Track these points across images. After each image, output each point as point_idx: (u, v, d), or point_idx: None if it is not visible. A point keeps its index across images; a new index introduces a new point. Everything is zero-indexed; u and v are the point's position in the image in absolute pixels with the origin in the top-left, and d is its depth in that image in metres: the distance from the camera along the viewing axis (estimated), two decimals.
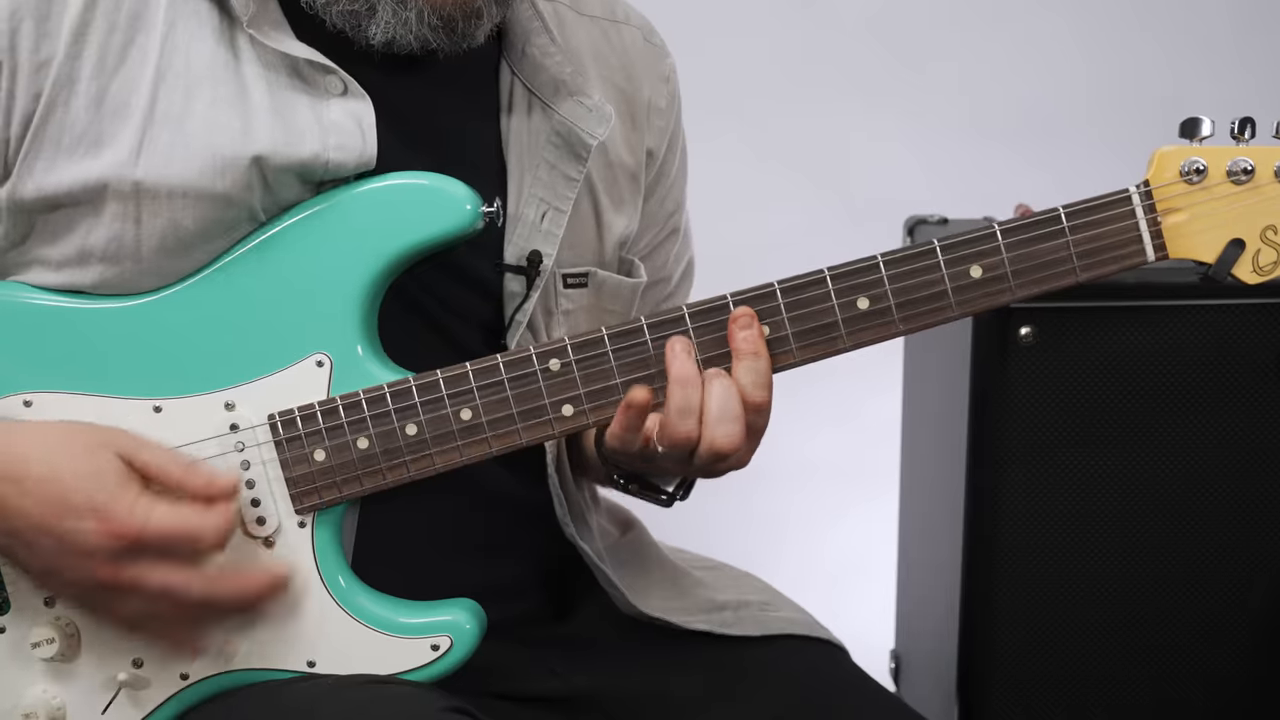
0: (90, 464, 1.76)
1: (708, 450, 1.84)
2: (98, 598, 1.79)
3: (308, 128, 1.85)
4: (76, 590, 1.80)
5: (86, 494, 1.74)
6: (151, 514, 1.74)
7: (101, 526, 1.73)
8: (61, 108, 1.83)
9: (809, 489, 4.02)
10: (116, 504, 1.73)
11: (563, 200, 2.01)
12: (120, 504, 1.74)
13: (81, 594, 1.80)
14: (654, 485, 2.05)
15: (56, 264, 1.87)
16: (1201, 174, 1.82)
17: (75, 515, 1.73)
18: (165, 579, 1.75)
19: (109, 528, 1.73)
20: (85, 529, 1.73)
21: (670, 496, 2.05)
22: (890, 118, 4.08)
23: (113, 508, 1.73)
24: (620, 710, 2.03)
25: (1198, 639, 2.60)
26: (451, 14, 1.88)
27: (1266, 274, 1.84)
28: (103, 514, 1.73)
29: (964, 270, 1.84)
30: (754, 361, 1.83)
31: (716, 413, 1.82)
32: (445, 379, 1.84)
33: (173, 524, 1.74)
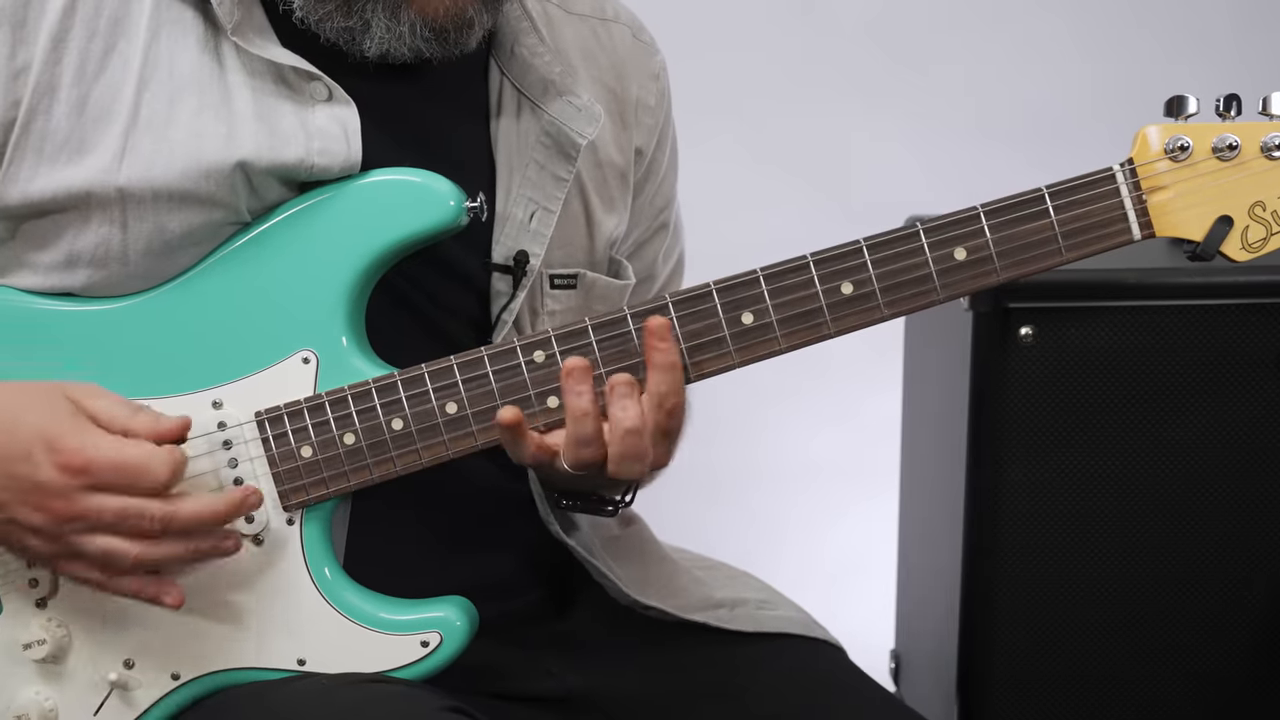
0: (42, 404, 1.78)
1: (615, 475, 1.83)
2: (62, 540, 1.78)
3: (292, 133, 1.86)
4: (38, 537, 1.79)
5: (36, 429, 1.76)
6: (101, 445, 1.75)
7: (53, 458, 1.74)
8: (43, 115, 1.84)
9: (809, 488, 4.01)
10: (64, 437, 1.75)
11: (552, 200, 2.01)
12: (68, 437, 1.75)
13: (45, 542, 1.79)
14: (596, 499, 2.04)
15: (44, 268, 1.87)
16: (1186, 151, 1.81)
17: (25, 451, 1.75)
18: (123, 504, 1.75)
19: (60, 459, 1.74)
20: (36, 462, 1.75)
21: (616, 505, 2.05)
22: (890, 119, 4.08)
23: (61, 440, 1.75)
24: (616, 709, 2.03)
25: (1198, 639, 2.59)
26: (444, 25, 1.89)
27: (1255, 250, 1.83)
28: (52, 446, 1.75)
29: (948, 253, 1.83)
30: (669, 374, 1.81)
31: (617, 456, 1.81)
32: (430, 373, 1.84)
33: (120, 454, 1.75)
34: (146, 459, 1.76)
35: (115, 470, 1.75)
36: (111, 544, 1.77)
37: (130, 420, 1.79)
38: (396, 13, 1.87)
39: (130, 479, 1.75)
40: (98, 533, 1.77)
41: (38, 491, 1.75)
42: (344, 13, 1.88)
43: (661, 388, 1.81)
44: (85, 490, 1.75)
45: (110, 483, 1.75)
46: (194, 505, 1.79)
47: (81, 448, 1.75)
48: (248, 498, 1.82)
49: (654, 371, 1.81)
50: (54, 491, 1.75)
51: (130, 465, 1.75)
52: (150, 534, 1.77)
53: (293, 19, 1.89)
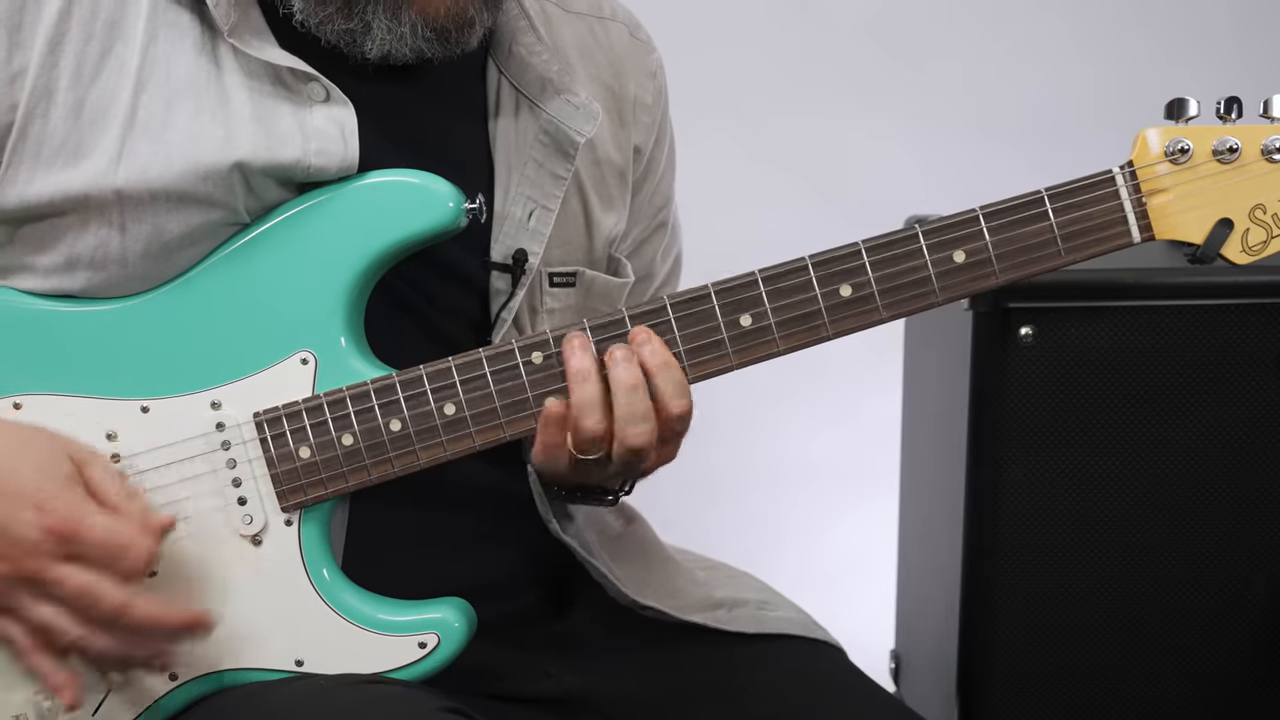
0: (45, 461, 1.77)
1: (621, 447, 1.84)
2: (16, 591, 1.76)
3: (290, 134, 1.86)
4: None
5: (35, 485, 1.74)
6: (90, 517, 1.74)
7: (40, 519, 1.73)
8: (40, 119, 1.84)
9: (809, 489, 4.01)
10: (59, 500, 1.74)
11: (550, 199, 2.01)
12: (63, 500, 1.74)
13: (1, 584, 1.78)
14: (597, 490, 2.05)
15: (44, 271, 1.87)
16: (1186, 153, 1.81)
17: (20, 503, 1.73)
18: (86, 581, 1.74)
19: (48, 521, 1.73)
20: (25, 518, 1.73)
21: (615, 495, 2.06)
22: (888, 118, 4.08)
23: (55, 503, 1.73)
24: (615, 710, 2.02)
25: (1198, 639, 2.59)
26: (445, 25, 1.89)
27: (1256, 253, 1.83)
28: (45, 507, 1.73)
29: (947, 255, 1.83)
30: (667, 373, 1.83)
31: (625, 416, 1.82)
32: (428, 374, 1.84)
33: (107, 531, 1.74)
34: (130, 544, 1.75)
35: (98, 544, 1.74)
36: (56, 618, 1.76)
37: (124, 502, 1.78)
38: (397, 14, 1.87)
39: (111, 557, 1.74)
40: (46, 601, 1.75)
41: (14, 544, 1.74)
42: (344, 15, 1.88)
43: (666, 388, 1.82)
44: (60, 558, 1.74)
45: (89, 556, 1.74)
46: (149, 606, 1.77)
47: (71, 515, 1.73)
48: (199, 619, 1.81)
49: (653, 377, 1.82)
50: (29, 549, 1.74)
51: (116, 544, 1.74)
52: (97, 620, 1.76)
53: (293, 22, 1.89)
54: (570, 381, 1.83)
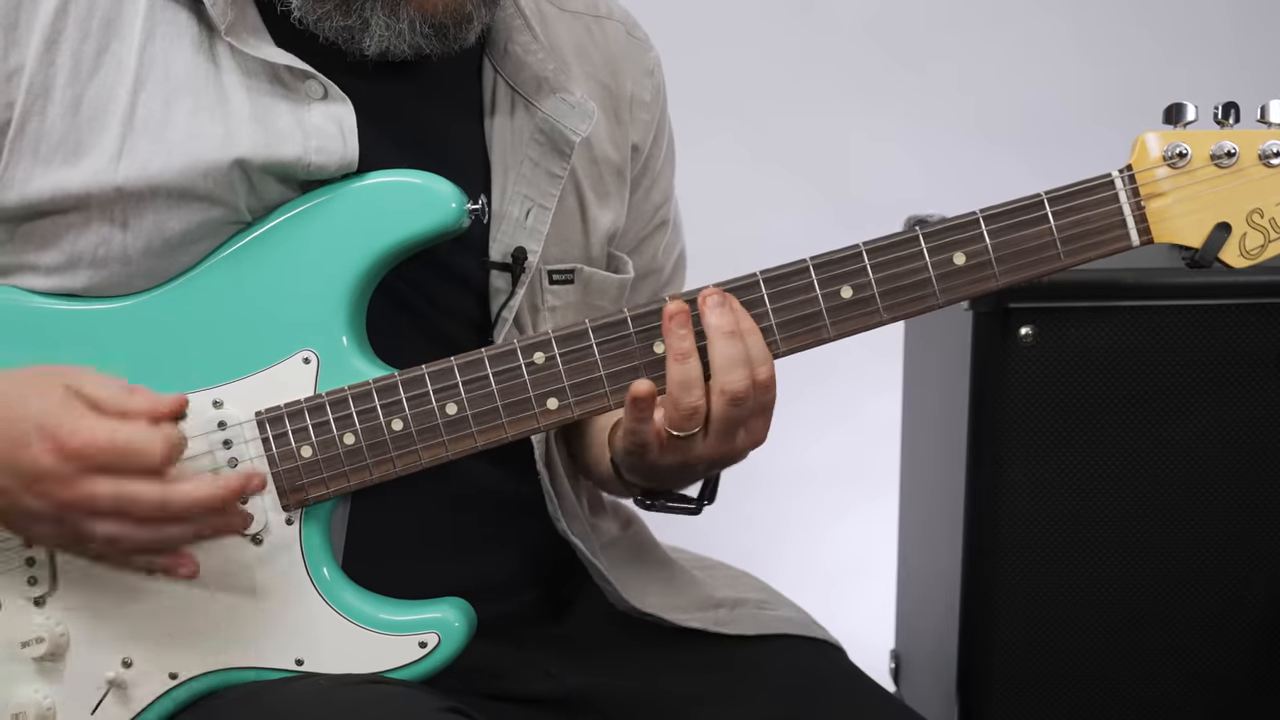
0: (36, 392, 1.77)
1: (720, 401, 1.81)
2: (65, 527, 1.77)
3: (289, 132, 1.86)
4: (43, 523, 1.78)
5: (32, 419, 1.75)
6: (95, 429, 1.74)
7: (48, 445, 1.73)
8: (37, 117, 1.84)
9: (809, 490, 4.01)
10: (60, 423, 1.74)
11: (547, 197, 2.02)
12: (64, 423, 1.74)
13: (50, 528, 1.79)
14: (678, 496, 2.05)
15: (45, 269, 1.87)
16: (1184, 158, 1.81)
17: (23, 440, 1.74)
18: (117, 488, 1.74)
19: (54, 445, 1.73)
20: (34, 452, 1.74)
21: (697, 502, 2.05)
22: (889, 118, 4.08)
23: (57, 427, 1.74)
24: (615, 710, 2.02)
25: (1198, 639, 2.59)
26: (443, 21, 1.89)
27: (1253, 257, 1.83)
28: (48, 433, 1.73)
29: (947, 258, 1.83)
30: (751, 339, 1.82)
31: (723, 363, 1.81)
32: (430, 374, 1.84)
33: (114, 436, 1.74)
34: (141, 439, 1.75)
35: (109, 452, 1.74)
36: (114, 529, 1.76)
37: (126, 402, 1.77)
38: (395, 10, 1.87)
39: (125, 460, 1.74)
40: (99, 518, 1.76)
41: (38, 478, 1.74)
42: (342, 12, 1.88)
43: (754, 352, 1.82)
44: (82, 474, 1.74)
45: (106, 465, 1.74)
46: (189, 490, 1.77)
47: (75, 432, 1.73)
48: (248, 481, 1.80)
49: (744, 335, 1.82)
50: (53, 477, 1.74)
51: (124, 446, 1.74)
52: (148, 518, 1.76)
53: (291, 19, 1.90)
54: (671, 360, 1.81)
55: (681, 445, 1.85)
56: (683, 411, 1.81)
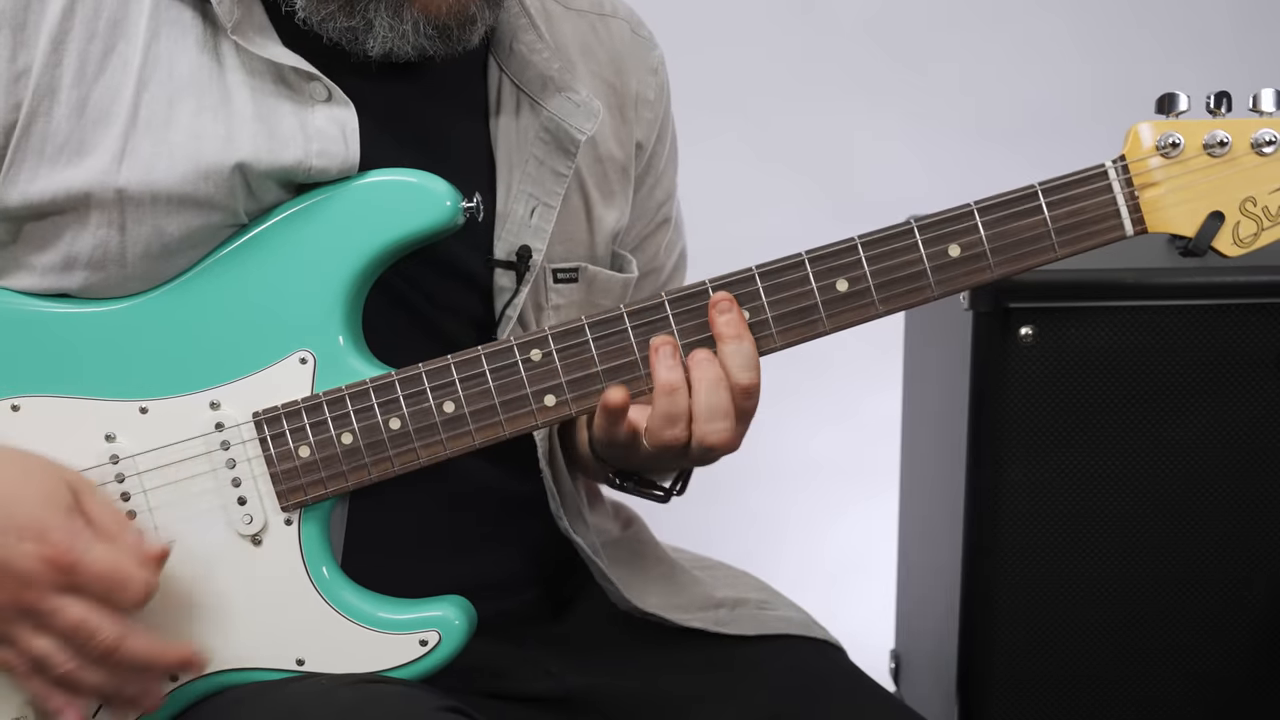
0: (43, 491, 1.76)
1: (699, 447, 1.84)
2: (14, 622, 1.75)
3: (291, 135, 1.86)
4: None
5: (34, 517, 1.73)
6: (91, 549, 1.73)
7: (40, 550, 1.72)
8: (43, 117, 1.84)
9: (809, 488, 4.02)
10: (60, 531, 1.73)
11: (552, 196, 2.02)
12: (63, 532, 1.73)
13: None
14: (650, 481, 2.05)
15: (41, 270, 1.87)
16: (1177, 147, 1.82)
17: (18, 533, 1.72)
18: (84, 615, 1.73)
19: (48, 552, 1.72)
20: (26, 549, 1.72)
21: (667, 492, 2.05)
22: (891, 118, 4.09)
23: (55, 534, 1.73)
24: (615, 710, 2.02)
25: (1198, 639, 2.59)
26: (446, 22, 1.89)
27: (1247, 245, 1.84)
28: (45, 538, 1.72)
29: (942, 249, 1.83)
30: (738, 345, 1.83)
31: (705, 413, 1.82)
32: (427, 372, 1.84)
33: (107, 564, 1.73)
34: (130, 577, 1.74)
35: (99, 577, 1.73)
36: (49, 650, 1.75)
37: (120, 533, 1.77)
38: (399, 11, 1.87)
39: (110, 590, 1.73)
40: (42, 632, 1.75)
41: (12, 575, 1.73)
42: (346, 13, 1.88)
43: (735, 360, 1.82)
44: (57, 589, 1.73)
45: (88, 587, 1.73)
46: (143, 643, 1.77)
47: (73, 547, 1.73)
48: (193, 658, 1.81)
49: (723, 344, 1.82)
50: (28, 580, 1.72)
51: (113, 575, 1.73)
52: (90, 655, 1.75)
53: (295, 19, 1.89)
54: (658, 393, 1.83)
55: (659, 455, 1.86)
56: (664, 440, 1.83)
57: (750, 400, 1.85)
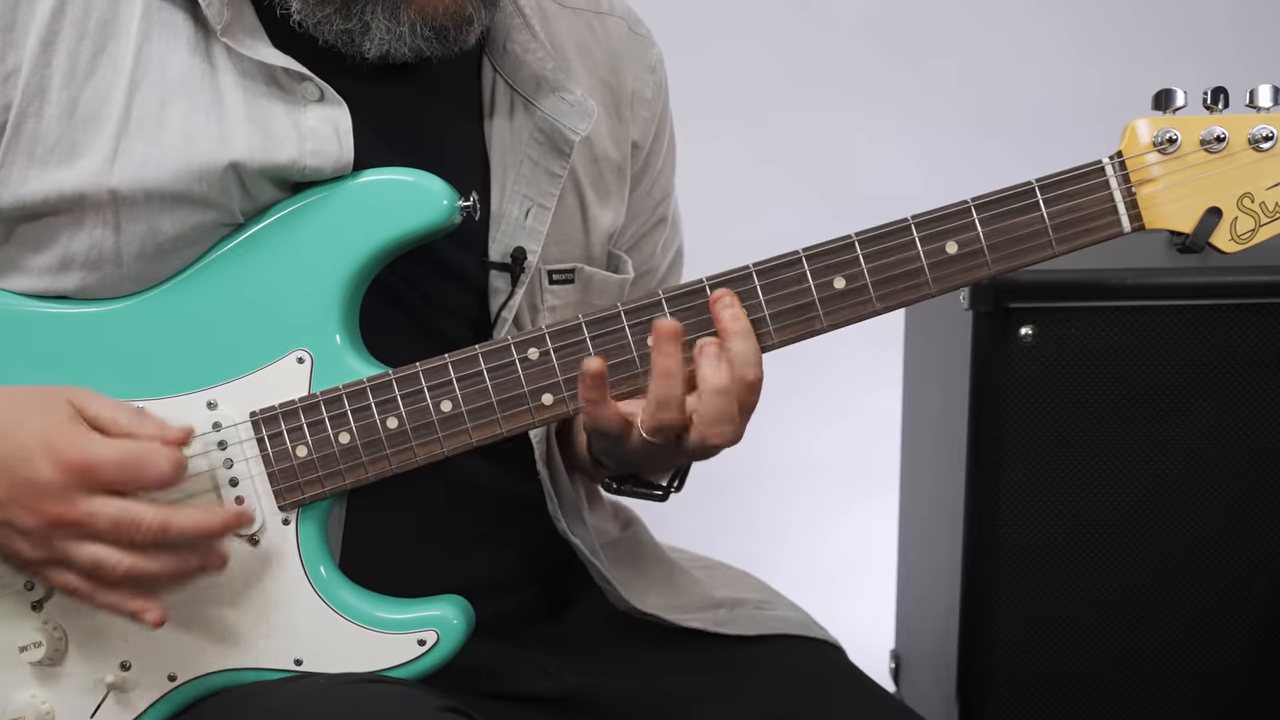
0: (41, 408, 1.76)
1: (699, 444, 1.83)
2: (54, 545, 1.76)
3: (285, 135, 1.86)
4: (29, 539, 1.77)
5: (37, 433, 1.74)
6: (102, 443, 1.74)
7: (52, 459, 1.73)
8: (33, 118, 1.83)
9: (809, 487, 4.02)
10: (65, 438, 1.74)
11: (546, 196, 2.01)
12: (69, 438, 1.74)
13: (35, 543, 1.77)
14: (647, 482, 2.05)
15: (37, 271, 1.87)
16: (1174, 143, 1.82)
17: (26, 453, 1.73)
18: (120, 510, 1.74)
19: (59, 459, 1.73)
20: (37, 466, 1.73)
21: (665, 490, 2.05)
22: (889, 117, 4.08)
23: (62, 442, 1.73)
24: (614, 710, 2.02)
25: (1198, 639, 2.59)
26: (443, 24, 1.89)
27: (1244, 241, 1.84)
28: (52, 448, 1.73)
29: (940, 246, 1.83)
30: (745, 340, 1.82)
31: (710, 418, 1.81)
32: (424, 371, 1.84)
33: (123, 451, 1.74)
34: (150, 452, 1.75)
35: (118, 466, 1.73)
36: (102, 553, 1.75)
37: (134, 424, 1.78)
38: (396, 13, 1.87)
39: (133, 473, 1.74)
40: (89, 540, 1.75)
41: (35, 493, 1.74)
42: (343, 15, 1.88)
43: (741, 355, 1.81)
44: (84, 493, 1.73)
45: (112, 480, 1.74)
46: (188, 517, 1.77)
47: (81, 447, 1.73)
48: (241, 514, 1.81)
49: (729, 340, 1.81)
50: (52, 493, 1.73)
51: (133, 460, 1.74)
52: (141, 545, 1.75)
53: (290, 22, 1.89)
54: (653, 378, 1.81)
55: (657, 446, 1.85)
56: (657, 424, 1.82)
57: (754, 395, 1.84)
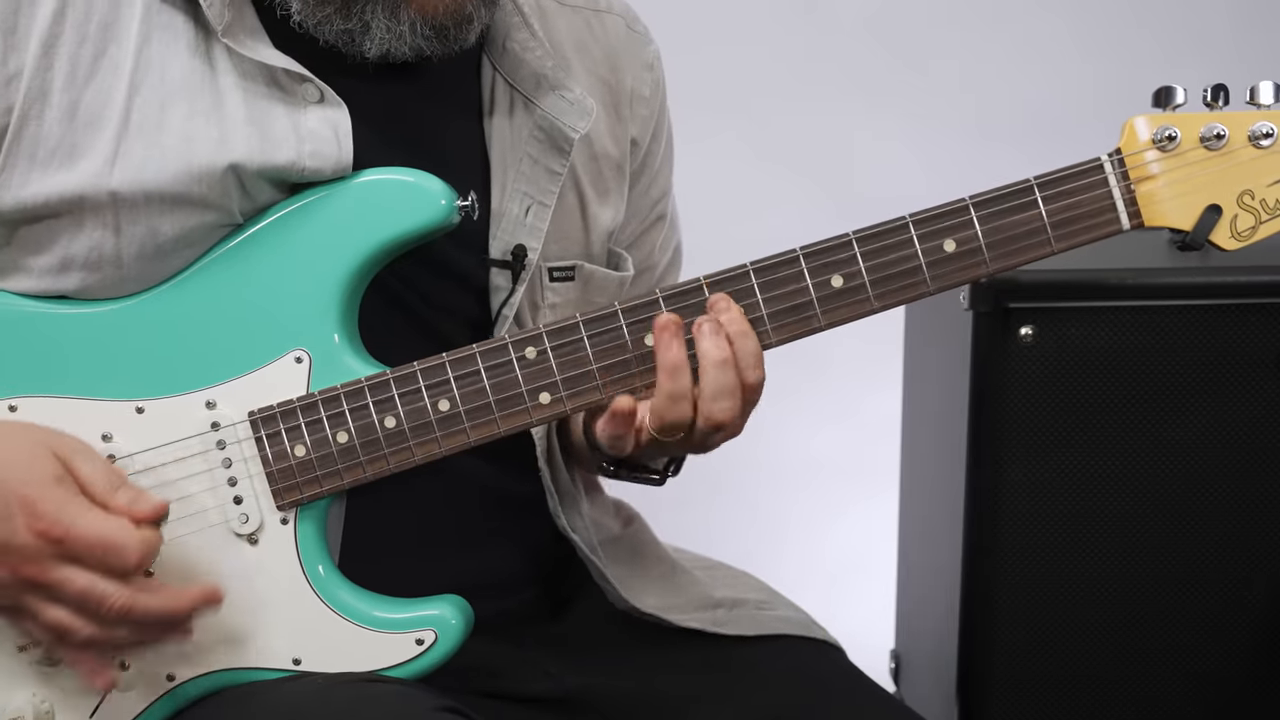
0: (28, 461, 1.75)
1: (704, 426, 1.83)
2: (23, 599, 1.76)
3: (284, 136, 1.86)
4: (3, 588, 1.76)
5: (18, 489, 1.73)
6: (80, 518, 1.72)
7: (30, 523, 1.71)
8: (34, 121, 1.83)
9: (809, 487, 4.01)
10: (47, 502, 1.72)
11: (546, 194, 2.02)
12: (50, 503, 1.72)
13: (8, 594, 1.76)
14: (643, 466, 2.05)
15: (38, 272, 1.87)
16: (1174, 140, 1.82)
17: (7, 511, 1.72)
18: (88, 584, 1.73)
19: (37, 525, 1.71)
20: (16, 524, 1.72)
21: (662, 475, 2.05)
22: (891, 117, 4.08)
23: (43, 505, 1.72)
24: (613, 710, 2.02)
25: (1198, 639, 2.59)
26: (443, 22, 1.90)
27: (1244, 239, 1.83)
28: (32, 510, 1.72)
29: (938, 244, 1.83)
30: (744, 342, 1.82)
31: (711, 392, 1.81)
32: (422, 370, 1.85)
33: (99, 531, 1.72)
34: (125, 542, 1.73)
35: (90, 546, 1.72)
36: (66, 619, 1.75)
37: (111, 495, 1.76)
38: (396, 12, 1.87)
39: (103, 558, 1.73)
40: (56, 604, 1.75)
41: (9, 551, 1.73)
42: (343, 15, 1.88)
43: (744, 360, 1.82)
44: (57, 560, 1.73)
45: (82, 556, 1.73)
46: (154, 599, 1.76)
47: (60, 518, 1.72)
48: (209, 595, 1.80)
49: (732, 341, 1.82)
50: (26, 555, 1.73)
51: (106, 543, 1.72)
52: (107, 619, 1.74)
53: (290, 22, 1.89)
54: (661, 373, 1.81)
55: (662, 443, 1.86)
56: (668, 422, 1.83)
57: (755, 394, 1.85)
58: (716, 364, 1.81)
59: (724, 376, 1.81)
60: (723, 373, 1.81)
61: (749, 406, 1.86)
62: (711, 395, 1.81)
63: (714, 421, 1.83)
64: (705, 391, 1.81)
